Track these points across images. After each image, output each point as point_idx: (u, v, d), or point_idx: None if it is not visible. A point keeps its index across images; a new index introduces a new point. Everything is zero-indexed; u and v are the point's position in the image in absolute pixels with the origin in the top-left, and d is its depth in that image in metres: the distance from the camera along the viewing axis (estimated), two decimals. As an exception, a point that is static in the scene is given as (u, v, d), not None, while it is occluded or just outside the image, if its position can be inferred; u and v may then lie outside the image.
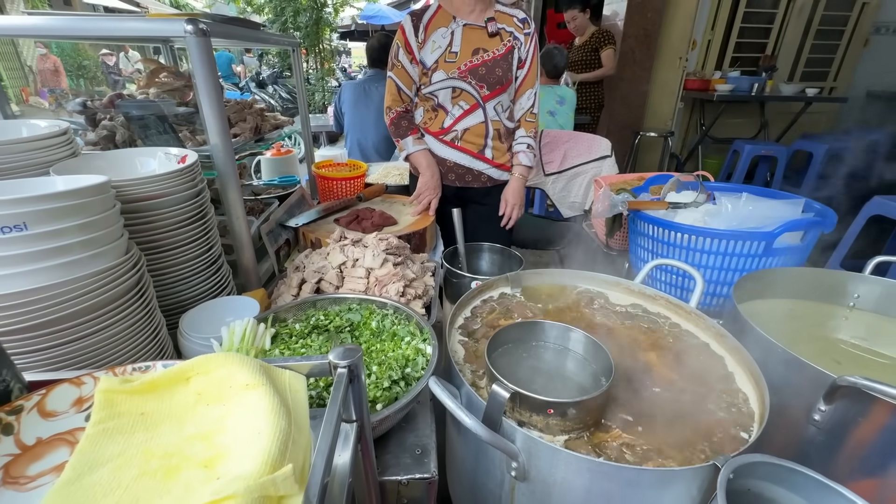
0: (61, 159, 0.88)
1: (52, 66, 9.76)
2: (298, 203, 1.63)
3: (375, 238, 1.11)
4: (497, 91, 1.53)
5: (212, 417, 0.43)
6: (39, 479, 0.37)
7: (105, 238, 0.69)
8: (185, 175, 0.89)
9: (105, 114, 1.18)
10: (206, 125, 0.98)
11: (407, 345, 0.84)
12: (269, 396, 0.43)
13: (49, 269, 0.62)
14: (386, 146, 2.79)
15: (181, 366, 0.46)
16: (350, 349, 0.52)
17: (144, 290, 0.76)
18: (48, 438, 0.40)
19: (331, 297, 0.97)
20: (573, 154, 2.40)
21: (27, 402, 0.41)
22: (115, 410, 0.42)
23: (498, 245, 1.46)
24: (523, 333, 0.90)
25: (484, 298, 1.15)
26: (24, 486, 0.36)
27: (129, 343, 0.73)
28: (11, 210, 0.57)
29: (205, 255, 0.97)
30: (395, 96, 1.61)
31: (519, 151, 1.63)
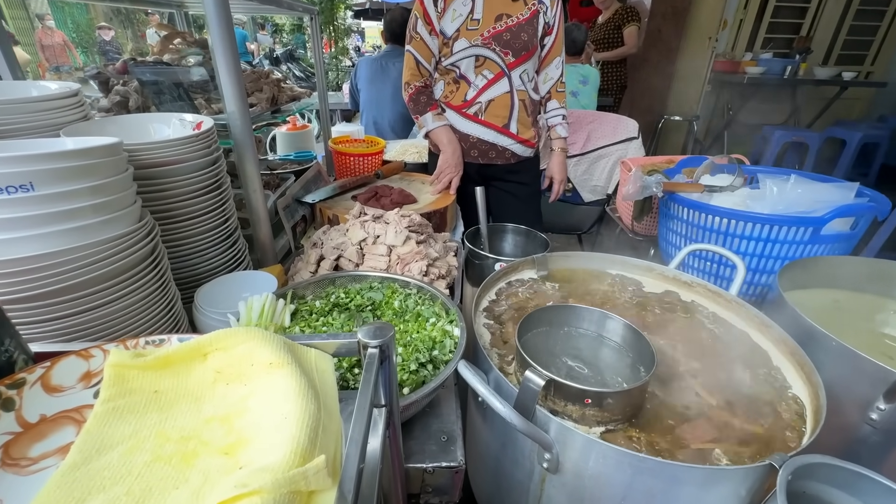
0: (72, 122, 0.83)
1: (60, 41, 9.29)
2: (315, 179, 1.58)
3: (397, 215, 1.05)
4: (523, 58, 1.45)
5: (232, 398, 0.39)
6: (42, 462, 0.33)
7: (117, 203, 0.65)
8: (201, 141, 0.84)
9: (118, 79, 1.13)
10: (222, 91, 0.92)
11: (432, 326, 0.79)
12: (296, 377, 0.38)
13: (58, 233, 0.58)
14: (402, 124, 2.72)
15: (198, 340, 0.42)
16: (381, 327, 0.48)
17: (158, 260, 0.72)
18: (53, 416, 0.36)
19: (351, 274, 0.92)
20: (597, 136, 2.30)
21: (30, 374, 0.37)
22: (126, 387, 0.38)
23: (523, 226, 1.40)
24: (555, 317, 0.85)
25: (509, 281, 1.10)
26: (25, 469, 0.32)
27: (142, 316, 0.69)
28: (16, 168, 0.53)
29: (221, 227, 0.93)
30: (413, 71, 1.54)
31: (556, 124, 1.58)
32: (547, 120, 1.60)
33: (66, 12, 13.11)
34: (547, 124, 1.62)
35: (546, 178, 1.65)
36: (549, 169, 1.63)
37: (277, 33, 8.14)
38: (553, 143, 1.62)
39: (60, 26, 14.01)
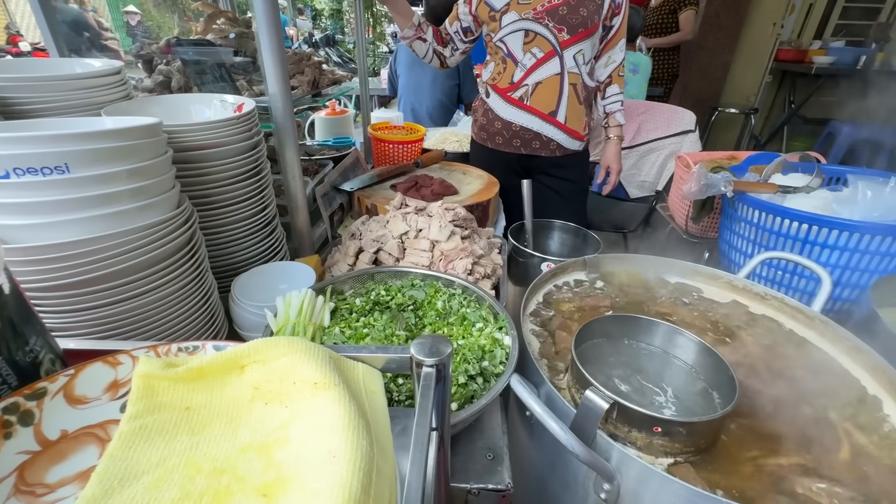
0: (114, 101, 0.80)
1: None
2: (353, 166, 1.54)
3: (441, 207, 0.99)
4: (579, 36, 1.33)
5: (271, 423, 0.33)
6: (60, 491, 0.29)
7: (156, 188, 0.61)
8: (242, 124, 0.80)
9: (161, 59, 1.11)
10: (264, 72, 0.87)
11: (479, 332, 0.72)
12: (344, 403, 0.32)
13: (93, 219, 0.55)
14: (441, 112, 2.64)
15: (235, 351, 0.37)
16: (437, 341, 0.41)
17: (196, 249, 0.69)
18: (75, 432, 0.32)
19: (391, 269, 0.87)
20: (648, 128, 2.16)
21: (52, 383, 0.33)
22: (155, 401, 0.34)
23: (571, 224, 1.30)
24: (614, 328, 0.77)
25: (557, 283, 1.02)
26: (39, 499, 0.28)
27: (177, 308, 0.66)
28: (51, 148, 0.49)
29: (259, 215, 0.89)
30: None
31: (616, 111, 1.48)
32: (605, 106, 1.50)
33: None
34: (605, 111, 1.51)
35: (602, 168, 1.55)
36: (604, 158, 1.53)
37: (317, 18, 8.15)
38: (610, 131, 1.52)
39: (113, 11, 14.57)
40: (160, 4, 10.61)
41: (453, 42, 1.48)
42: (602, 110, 1.52)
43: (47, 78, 0.73)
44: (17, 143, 0.48)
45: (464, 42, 1.48)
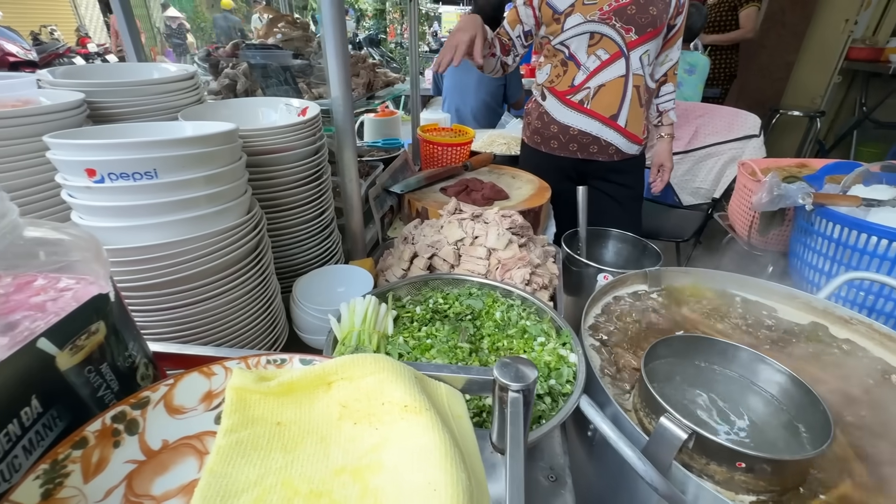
0: (188, 105, 0.83)
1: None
2: (402, 168, 1.54)
3: (498, 214, 0.97)
4: (648, 36, 1.28)
5: (362, 445, 0.33)
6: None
7: (231, 193, 0.62)
8: (308, 128, 0.81)
9: (227, 62, 1.14)
10: (328, 75, 0.88)
11: (541, 346, 0.70)
12: (438, 430, 0.31)
13: (175, 222, 0.57)
14: (485, 113, 2.61)
15: (323, 367, 0.36)
16: (522, 364, 0.40)
17: (264, 253, 0.70)
18: (175, 443, 0.32)
19: (448, 276, 0.86)
20: (707, 131, 2.05)
21: (154, 392, 0.33)
22: (248, 415, 0.34)
23: (629, 234, 1.25)
24: (686, 349, 0.73)
25: (616, 295, 0.98)
26: (148, 513, 0.28)
27: (243, 312, 0.67)
28: (142, 154, 0.51)
29: (318, 218, 0.90)
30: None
31: (670, 109, 1.44)
32: (659, 105, 1.46)
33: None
34: (658, 109, 1.47)
35: (653, 167, 1.49)
36: (656, 156, 1.49)
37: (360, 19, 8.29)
38: (663, 129, 1.48)
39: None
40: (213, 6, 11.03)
41: (515, 48, 1.45)
42: (655, 108, 1.46)
43: (130, 83, 0.76)
44: (111, 150, 0.50)
45: (524, 46, 1.46)
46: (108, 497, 0.28)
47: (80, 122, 0.66)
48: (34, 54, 7.78)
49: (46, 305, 0.32)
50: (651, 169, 1.53)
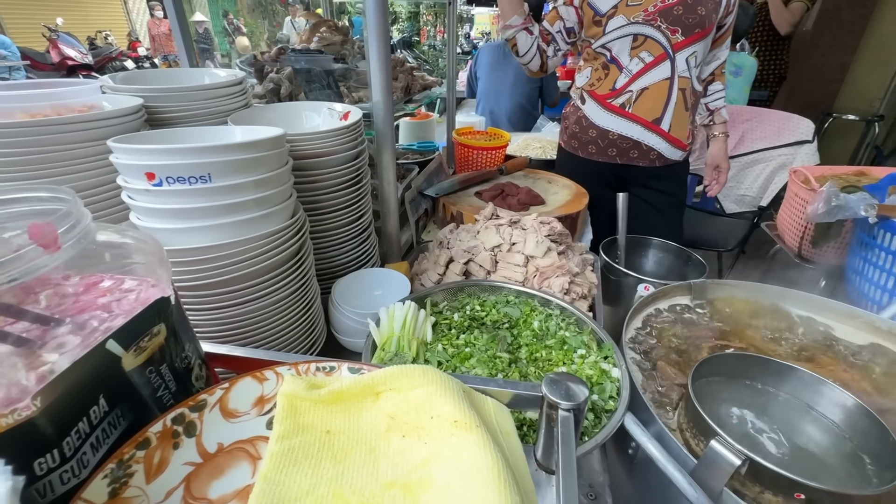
0: (236, 109, 0.86)
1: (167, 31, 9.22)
2: (436, 171, 1.54)
3: (536, 220, 0.95)
4: (695, 37, 1.23)
5: (411, 459, 0.32)
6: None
7: (277, 197, 0.63)
8: (350, 133, 0.82)
9: (272, 66, 1.17)
10: (370, 79, 0.89)
11: (581, 359, 0.68)
12: (490, 449, 0.31)
13: (226, 225, 0.58)
14: (520, 116, 2.59)
15: (372, 377, 0.36)
16: (572, 382, 0.38)
17: (306, 257, 0.71)
18: (229, 447, 0.33)
19: (486, 283, 0.85)
20: (754, 136, 1.96)
21: (210, 396, 0.34)
22: (298, 422, 0.34)
23: (672, 243, 1.21)
24: (736, 368, 0.69)
25: (658, 307, 0.95)
26: (205, 517, 0.29)
27: (284, 314, 0.68)
28: (198, 159, 0.53)
29: (357, 221, 0.91)
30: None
31: (721, 107, 1.39)
32: (708, 104, 1.41)
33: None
34: (707, 108, 1.42)
35: (708, 168, 1.44)
36: (711, 156, 1.45)
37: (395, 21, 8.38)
38: (716, 129, 1.43)
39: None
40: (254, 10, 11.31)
41: (556, 42, 1.41)
42: (704, 108, 1.42)
43: (183, 89, 0.79)
44: (169, 155, 0.52)
45: (566, 43, 1.42)
46: (168, 498, 0.29)
47: (139, 126, 0.69)
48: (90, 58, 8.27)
49: (112, 306, 0.33)
50: (706, 170, 1.48)
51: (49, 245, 0.28)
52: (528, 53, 1.42)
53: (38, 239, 0.27)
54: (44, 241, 0.27)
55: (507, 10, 1.33)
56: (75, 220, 0.30)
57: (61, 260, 0.29)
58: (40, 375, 0.27)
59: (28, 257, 0.26)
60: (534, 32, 1.38)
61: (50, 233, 0.28)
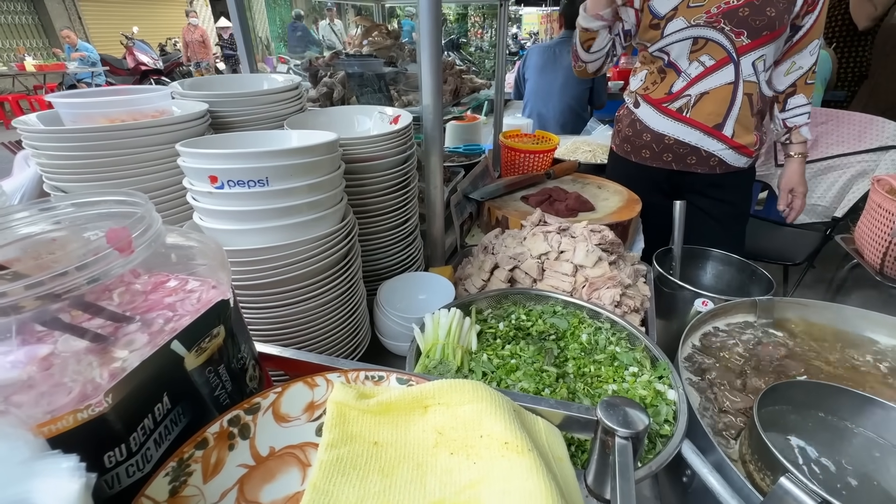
0: (292, 113, 0.89)
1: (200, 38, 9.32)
2: (482, 174, 1.53)
3: (586, 228, 0.92)
4: (763, 40, 1.14)
5: (459, 478, 0.31)
6: (272, 514, 0.30)
7: (329, 201, 0.65)
8: (400, 137, 0.83)
9: (325, 71, 1.20)
10: (421, 82, 0.89)
11: (633, 378, 0.65)
12: (543, 477, 0.29)
13: (281, 228, 0.60)
14: (570, 117, 2.52)
15: (421, 390, 0.35)
16: (630, 407, 0.36)
17: (354, 260, 0.72)
18: (280, 451, 0.34)
19: (530, 292, 0.83)
20: (830, 141, 1.80)
21: (264, 399, 0.35)
22: (347, 431, 0.34)
23: (734, 256, 1.13)
24: (810, 398, 0.63)
25: (715, 325, 0.89)
26: (257, 521, 0.29)
27: (331, 315, 0.69)
28: (256, 164, 0.54)
29: (403, 225, 0.92)
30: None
31: (802, 124, 1.26)
32: (787, 120, 1.27)
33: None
34: (784, 125, 1.29)
35: (783, 192, 1.33)
36: (786, 179, 1.32)
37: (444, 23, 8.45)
38: (792, 149, 1.30)
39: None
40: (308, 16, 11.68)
41: (613, 46, 1.36)
42: (781, 124, 1.29)
43: (243, 94, 0.83)
44: (230, 159, 0.54)
45: (622, 47, 1.37)
46: (223, 499, 0.30)
47: (204, 130, 0.72)
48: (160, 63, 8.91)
49: (177, 306, 0.34)
50: (781, 194, 1.36)
51: (124, 249, 0.29)
52: (600, 51, 1.36)
53: (114, 243, 0.28)
54: (119, 245, 0.29)
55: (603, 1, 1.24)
56: (147, 225, 0.32)
57: (135, 263, 0.30)
58: (112, 372, 0.28)
59: (106, 260, 0.28)
60: (613, 31, 1.32)
61: (125, 237, 0.29)
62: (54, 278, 0.25)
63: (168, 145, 0.66)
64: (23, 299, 0.25)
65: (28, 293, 0.25)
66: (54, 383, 0.26)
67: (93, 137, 0.61)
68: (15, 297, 0.25)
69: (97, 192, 0.37)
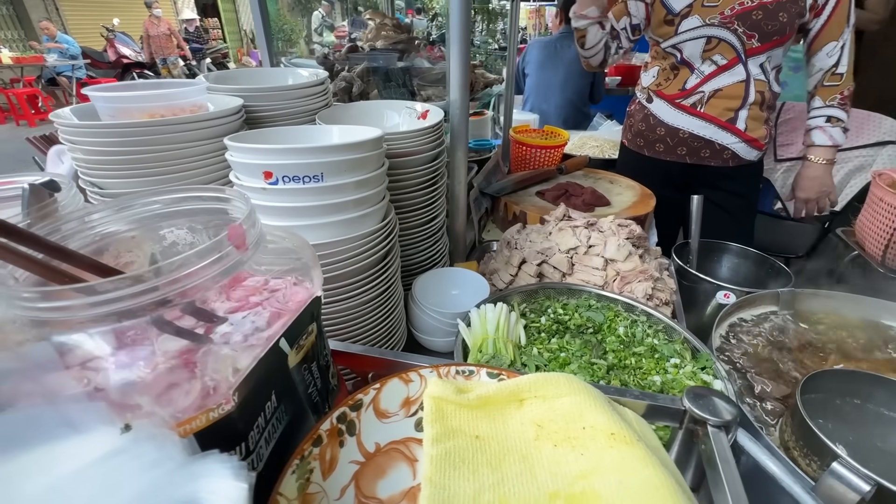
0: (319, 108, 0.88)
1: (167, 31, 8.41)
2: (494, 170, 1.53)
3: (614, 223, 0.93)
4: (772, 44, 1.16)
5: (569, 469, 0.32)
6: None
7: (375, 198, 0.64)
8: (433, 133, 0.82)
9: (343, 65, 1.19)
10: (449, 77, 0.89)
11: (675, 368, 0.66)
12: (659, 466, 0.30)
13: (330, 224, 0.60)
14: (571, 113, 2.53)
15: (517, 383, 0.36)
16: (717, 398, 0.37)
17: (394, 259, 0.72)
18: (385, 447, 0.34)
19: (562, 286, 0.83)
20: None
21: (365, 396, 0.35)
22: (447, 425, 0.34)
23: (751, 249, 1.16)
24: (842, 385, 0.65)
25: (742, 317, 0.91)
26: (381, 517, 0.30)
27: (372, 313, 0.69)
28: (314, 159, 0.54)
29: (432, 222, 0.92)
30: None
31: (815, 127, 1.25)
32: (808, 122, 1.28)
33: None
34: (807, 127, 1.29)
35: (797, 200, 1.34)
36: (798, 181, 1.32)
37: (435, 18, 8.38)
38: (809, 152, 1.28)
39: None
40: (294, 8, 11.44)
41: (619, 39, 1.37)
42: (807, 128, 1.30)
43: (274, 88, 0.81)
44: (288, 154, 0.54)
45: (629, 41, 1.38)
46: (343, 496, 0.30)
47: (240, 126, 0.71)
48: (143, 56, 8.65)
49: (277, 304, 0.34)
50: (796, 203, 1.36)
51: (240, 246, 0.29)
52: (594, 48, 1.38)
53: (234, 241, 0.28)
54: (237, 241, 0.28)
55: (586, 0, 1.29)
56: (253, 221, 0.31)
57: (248, 260, 0.30)
58: (234, 371, 0.28)
59: (230, 258, 0.27)
60: (605, 27, 1.34)
61: (241, 234, 0.29)
62: (187, 277, 0.25)
63: (207, 141, 0.65)
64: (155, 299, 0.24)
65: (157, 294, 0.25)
66: (191, 382, 0.26)
67: (133, 133, 0.60)
68: (150, 297, 0.24)
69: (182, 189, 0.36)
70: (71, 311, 0.23)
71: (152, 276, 0.24)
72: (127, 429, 0.23)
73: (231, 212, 0.36)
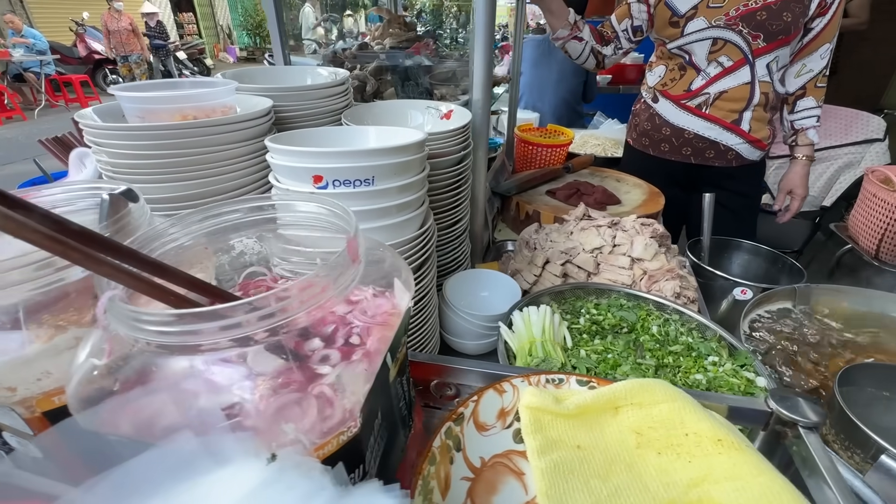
0: (341, 108, 0.85)
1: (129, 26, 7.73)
2: (500, 169, 1.53)
3: (637, 222, 0.94)
4: (777, 43, 1.19)
5: (678, 478, 0.32)
6: (517, 528, 0.29)
7: (416, 202, 0.63)
8: (462, 134, 0.81)
9: (352, 63, 1.17)
10: (472, 76, 0.88)
11: (715, 366, 0.67)
12: (773, 471, 0.30)
13: (375, 230, 0.58)
14: (565, 111, 2.55)
15: (612, 391, 0.35)
16: (802, 398, 0.37)
17: (431, 267, 0.71)
18: (490, 461, 0.33)
19: (591, 286, 0.84)
20: (818, 133, 1.90)
21: (465, 409, 0.34)
22: (547, 436, 0.33)
23: (763, 246, 1.18)
24: (877, 379, 0.68)
25: (758, 312, 0.93)
26: (506, 535, 0.29)
27: (411, 321, 0.68)
28: (366, 162, 0.52)
29: (457, 224, 0.90)
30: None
31: (809, 127, 1.28)
32: (794, 122, 1.31)
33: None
34: (792, 127, 1.32)
35: (781, 192, 1.37)
36: (787, 180, 1.34)
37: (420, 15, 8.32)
38: (798, 150, 1.32)
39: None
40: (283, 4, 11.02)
41: (618, 41, 1.39)
42: (789, 126, 1.33)
43: (299, 88, 0.79)
44: (340, 157, 0.52)
45: (630, 42, 1.39)
46: (463, 515, 0.29)
47: (270, 127, 0.69)
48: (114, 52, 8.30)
49: (377, 317, 0.33)
50: (779, 194, 1.38)
51: (355, 259, 0.27)
52: (580, 56, 1.43)
53: (352, 254, 0.27)
54: (353, 255, 0.27)
55: (554, 23, 1.35)
56: (356, 231, 0.30)
57: (359, 274, 0.28)
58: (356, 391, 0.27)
59: (352, 274, 0.26)
60: (584, 38, 1.37)
61: (355, 247, 0.27)
62: (321, 293, 0.23)
63: (240, 143, 0.63)
64: (288, 319, 0.23)
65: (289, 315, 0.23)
66: (331, 406, 0.24)
67: (166, 136, 0.57)
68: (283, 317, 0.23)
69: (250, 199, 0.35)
70: (203, 335, 0.22)
71: (287, 295, 0.23)
72: (273, 458, 0.21)
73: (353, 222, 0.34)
